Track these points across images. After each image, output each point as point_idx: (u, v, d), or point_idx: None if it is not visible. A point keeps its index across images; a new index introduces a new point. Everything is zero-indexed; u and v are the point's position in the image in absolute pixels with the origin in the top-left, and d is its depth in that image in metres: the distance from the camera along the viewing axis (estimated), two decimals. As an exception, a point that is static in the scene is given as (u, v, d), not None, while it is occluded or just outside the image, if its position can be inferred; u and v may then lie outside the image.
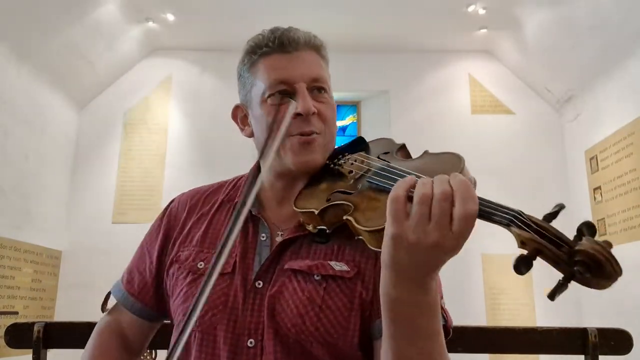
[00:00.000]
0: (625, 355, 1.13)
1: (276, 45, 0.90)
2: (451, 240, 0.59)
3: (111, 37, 4.46)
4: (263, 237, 0.91)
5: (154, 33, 4.72)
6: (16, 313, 3.76)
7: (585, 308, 4.39)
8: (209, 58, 4.98)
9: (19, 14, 3.58)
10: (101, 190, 4.68)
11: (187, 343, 0.87)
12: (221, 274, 0.87)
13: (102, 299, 1.04)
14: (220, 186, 1.04)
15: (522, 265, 0.51)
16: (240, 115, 1.00)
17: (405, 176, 0.67)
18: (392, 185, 0.67)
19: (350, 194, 0.77)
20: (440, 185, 0.60)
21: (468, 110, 4.93)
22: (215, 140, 4.77)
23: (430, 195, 0.59)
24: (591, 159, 4.31)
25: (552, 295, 0.49)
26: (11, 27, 3.61)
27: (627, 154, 3.79)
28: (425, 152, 0.81)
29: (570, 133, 4.68)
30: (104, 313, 1.05)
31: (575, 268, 0.48)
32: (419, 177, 0.65)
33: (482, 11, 4.36)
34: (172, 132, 4.86)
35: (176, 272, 0.92)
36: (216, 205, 0.98)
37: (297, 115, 0.86)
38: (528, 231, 0.54)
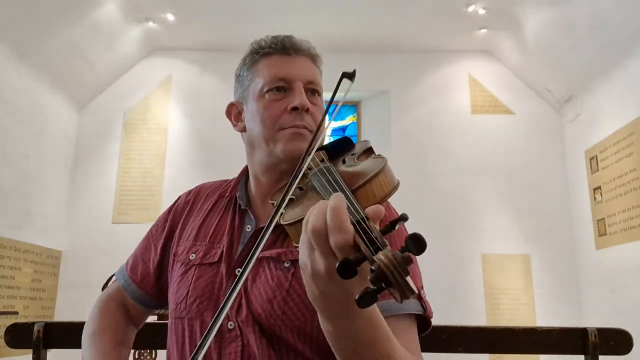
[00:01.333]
0: (625, 355, 1.13)
1: (279, 47, 0.97)
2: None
3: (111, 37, 4.46)
4: (248, 228, 0.96)
5: (154, 33, 4.72)
6: (16, 313, 3.76)
7: (585, 308, 4.40)
8: (209, 58, 4.98)
9: (19, 14, 3.58)
10: (101, 190, 4.68)
11: (178, 330, 0.92)
12: (208, 264, 0.93)
13: (99, 290, 1.07)
14: (221, 184, 1.09)
15: (344, 268, 0.51)
16: (234, 112, 1.06)
17: (332, 182, 0.70)
18: (319, 185, 0.72)
19: (301, 189, 0.81)
20: (314, 215, 0.57)
21: (468, 110, 4.94)
22: (215, 140, 4.78)
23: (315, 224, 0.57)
24: (591, 159, 4.31)
25: (359, 302, 0.49)
26: (11, 27, 3.61)
27: (627, 154, 3.79)
28: (371, 156, 0.83)
29: (570, 133, 4.68)
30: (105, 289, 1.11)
31: (369, 278, 0.49)
32: (340, 186, 0.67)
33: (482, 11, 4.36)
34: (172, 132, 4.86)
35: (174, 265, 0.99)
36: (213, 203, 1.04)
37: (293, 109, 0.92)
38: (362, 237, 0.53)
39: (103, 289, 1.12)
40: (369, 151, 0.87)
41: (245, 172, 1.07)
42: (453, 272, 4.45)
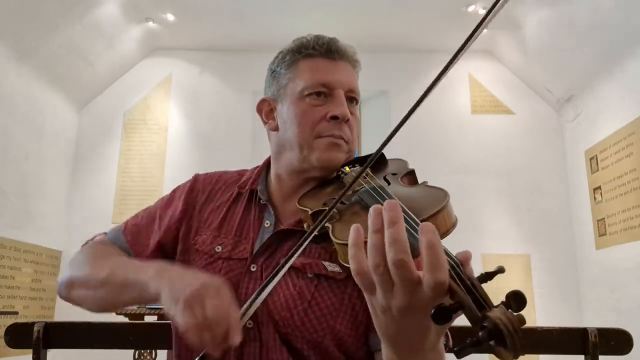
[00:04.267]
0: (626, 355, 1.13)
1: (323, 50, 0.95)
2: (425, 300, 0.53)
3: (111, 37, 4.46)
4: (267, 224, 0.95)
5: (154, 33, 4.72)
6: (16, 313, 3.76)
7: (585, 308, 4.40)
8: (209, 58, 4.98)
9: (19, 13, 3.58)
10: (101, 190, 4.68)
11: None
12: (237, 259, 0.91)
13: None
14: (240, 176, 1.06)
15: (440, 316, 0.50)
16: (266, 108, 1.01)
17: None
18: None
19: (343, 204, 0.78)
20: (390, 251, 0.53)
21: (468, 110, 4.93)
22: (215, 140, 4.78)
23: (382, 264, 0.54)
24: (591, 159, 4.31)
25: (458, 353, 0.49)
26: (11, 26, 3.61)
27: (627, 154, 3.79)
28: (423, 183, 0.82)
29: (570, 133, 4.68)
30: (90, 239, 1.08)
31: (480, 333, 0.48)
32: (409, 215, 0.64)
33: (482, 11, 4.35)
34: (172, 132, 4.86)
35: (193, 254, 0.96)
36: (233, 196, 1.01)
37: (332, 118, 0.90)
38: (458, 283, 0.53)
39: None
40: (412, 175, 0.86)
41: (266, 166, 1.04)
42: (453, 272, 4.45)
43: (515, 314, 0.49)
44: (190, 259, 0.96)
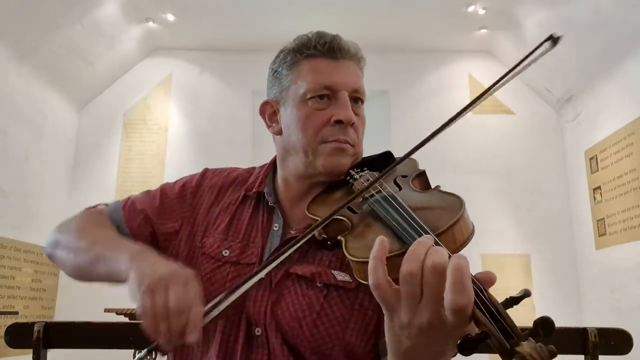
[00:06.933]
0: (626, 355, 1.13)
1: (325, 49, 0.90)
2: (448, 323, 0.52)
3: (111, 37, 4.46)
4: (276, 227, 0.92)
5: (154, 33, 4.72)
6: (16, 313, 3.76)
7: (585, 308, 4.40)
8: (209, 58, 4.98)
9: (19, 13, 3.58)
10: (101, 190, 4.68)
11: (209, 330, 0.87)
12: (246, 264, 0.88)
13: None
14: (248, 175, 1.03)
15: (466, 347, 0.49)
16: (268, 111, 0.98)
17: (411, 221, 0.63)
18: (388, 218, 0.66)
19: (355, 212, 0.76)
20: (431, 256, 0.53)
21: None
22: (215, 140, 4.78)
23: (418, 273, 0.53)
24: (591, 159, 4.30)
25: None
26: (11, 26, 3.61)
27: (627, 154, 3.79)
28: (436, 188, 0.79)
29: (570, 133, 4.68)
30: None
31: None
32: (418, 224, 0.61)
33: (482, 11, 4.36)
34: (172, 132, 4.86)
35: (199, 256, 0.93)
36: (240, 198, 0.98)
37: (337, 122, 0.87)
38: (483, 312, 0.51)
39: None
40: (423, 177, 0.82)
41: (272, 166, 1.01)
42: (453, 272, 4.44)
43: (546, 348, 0.48)
44: (196, 262, 0.92)
